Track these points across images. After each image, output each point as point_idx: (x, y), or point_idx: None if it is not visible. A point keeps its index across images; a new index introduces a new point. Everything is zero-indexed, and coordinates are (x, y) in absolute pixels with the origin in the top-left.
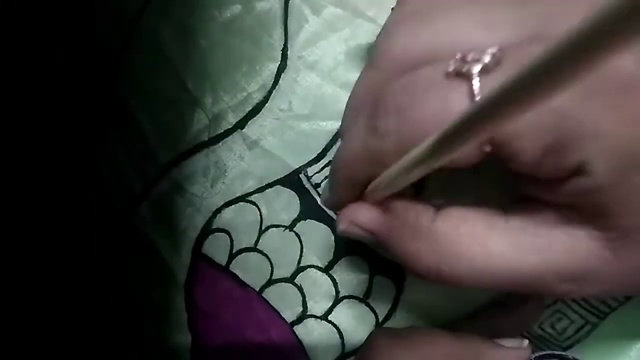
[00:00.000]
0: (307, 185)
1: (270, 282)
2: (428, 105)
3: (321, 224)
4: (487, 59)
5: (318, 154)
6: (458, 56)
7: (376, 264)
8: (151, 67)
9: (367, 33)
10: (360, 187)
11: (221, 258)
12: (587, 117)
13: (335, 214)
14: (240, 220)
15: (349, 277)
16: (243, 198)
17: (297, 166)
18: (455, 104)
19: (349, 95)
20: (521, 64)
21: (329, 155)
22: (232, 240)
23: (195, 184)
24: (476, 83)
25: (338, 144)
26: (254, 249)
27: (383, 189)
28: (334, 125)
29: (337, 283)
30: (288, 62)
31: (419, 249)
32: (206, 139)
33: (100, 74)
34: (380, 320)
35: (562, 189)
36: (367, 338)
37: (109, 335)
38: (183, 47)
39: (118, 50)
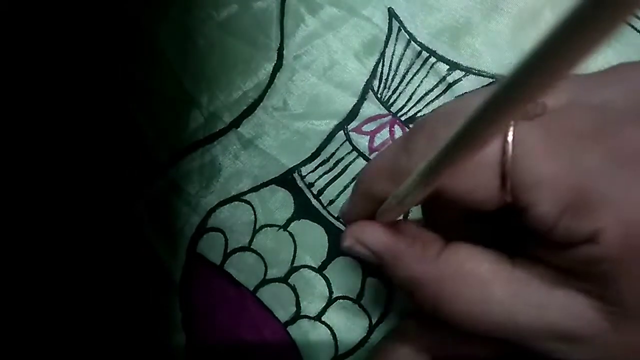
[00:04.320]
0: (301, 185)
1: (264, 281)
2: None
3: (315, 223)
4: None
5: (312, 154)
6: None
7: (368, 265)
8: (149, 66)
9: (363, 32)
10: (375, 204)
11: (216, 257)
12: (614, 185)
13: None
14: (234, 220)
15: (342, 278)
16: (238, 197)
17: (292, 165)
18: None
19: (344, 94)
20: (560, 127)
21: (323, 155)
22: (226, 240)
23: (191, 183)
24: (512, 124)
25: (332, 143)
26: (248, 248)
27: (393, 210)
28: (329, 124)
29: (330, 283)
30: (284, 62)
31: (420, 280)
32: (202, 137)
33: (99, 72)
34: (373, 322)
35: (569, 255)
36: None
37: (104, 334)
38: (180, 46)
39: (117, 49)
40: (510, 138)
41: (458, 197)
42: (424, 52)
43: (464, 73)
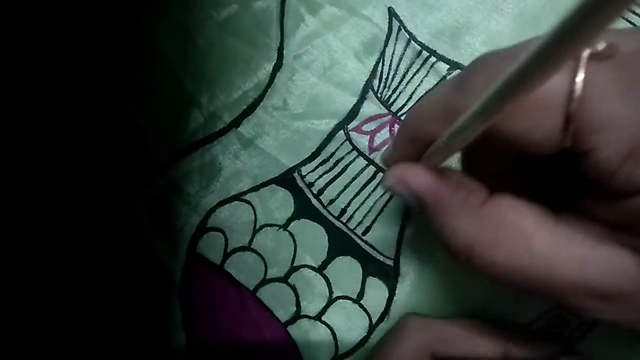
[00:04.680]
0: (301, 184)
1: (264, 281)
2: None
3: (315, 223)
4: (601, 46)
5: (312, 153)
6: None
7: (368, 265)
8: (149, 66)
9: (363, 32)
10: (421, 147)
11: (216, 257)
12: None
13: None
14: (234, 220)
15: (342, 277)
16: (238, 197)
17: (292, 165)
18: (556, 77)
19: (344, 94)
20: (633, 70)
21: (323, 155)
22: (226, 240)
23: (191, 183)
24: (583, 65)
25: (332, 142)
26: (248, 248)
27: (442, 153)
28: (329, 124)
29: (330, 283)
30: (284, 61)
31: (460, 226)
32: (202, 137)
33: (99, 72)
34: (373, 322)
35: (624, 205)
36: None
37: (104, 334)
38: (181, 46)
39: (117, 49)
40: (579, 78)
41: (514, 137)
42: (424, 51)
43: None
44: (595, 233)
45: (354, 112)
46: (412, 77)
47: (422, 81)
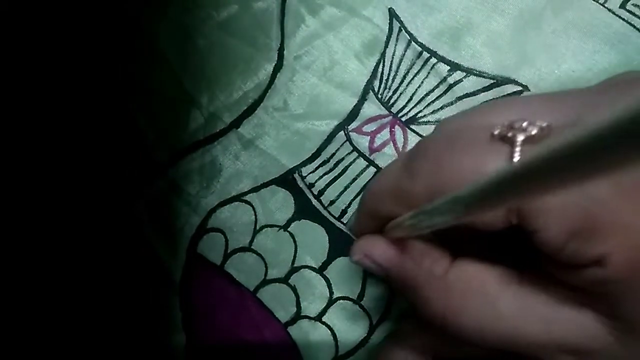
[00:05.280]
0: (302, 185)
1: (265, 282)
2: (465, 159)
3: (315, 224)
4: (534, 130)
5: (312, 154)
6: (506, 122)
7: None
8: (149, 66)
9: (363, 32)
10: (381, 221)
11: (216, 258)
12: (620, 210)
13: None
14: (235, 220)
15: (343, 278)
16: (238, 198)
17: (292, 166)
18: (492, 165)
19: (344, 95)
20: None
21: (323, 155)
22: (227, 240)
23: (191, 183)
24: (518, 150)
25: (333, 143)
26: (248, 248)
27: (403, 230)
28: (329, 125)
29: (331, 284)
30: (284, 62)
31: (429, 296)
32: (202, 137)
33: (99, 72)
34: (374, 322)
35: (576, 274)
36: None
37: (104, 334)
38: (180, 46)
39: (117, 49)
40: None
41: None
42: (424, 52)
43: (464, 74)
44: (558, 293)
45: (354, 113)
46: (412, 78)
47: (422, 82)
